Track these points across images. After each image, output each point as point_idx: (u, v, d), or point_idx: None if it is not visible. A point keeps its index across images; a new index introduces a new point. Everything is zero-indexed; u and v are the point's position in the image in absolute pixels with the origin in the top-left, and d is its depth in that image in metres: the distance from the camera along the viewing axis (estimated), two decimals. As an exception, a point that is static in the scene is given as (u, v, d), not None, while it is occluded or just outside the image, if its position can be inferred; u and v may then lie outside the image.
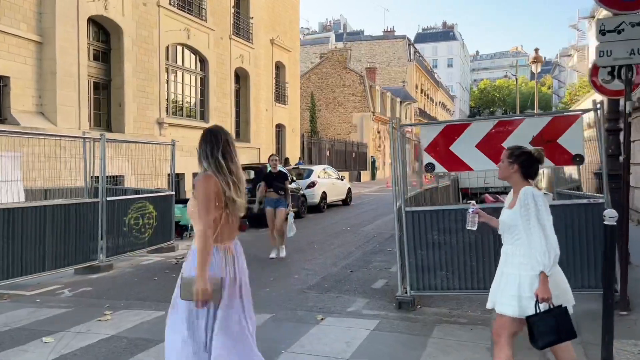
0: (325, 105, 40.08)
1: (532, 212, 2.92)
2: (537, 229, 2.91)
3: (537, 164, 3.14)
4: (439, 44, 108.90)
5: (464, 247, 5.35)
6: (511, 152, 3.16)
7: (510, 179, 3.16)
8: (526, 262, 2.97)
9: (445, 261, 5.42)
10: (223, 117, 18.93)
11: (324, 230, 11.81)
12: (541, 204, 2.94)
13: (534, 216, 2.92)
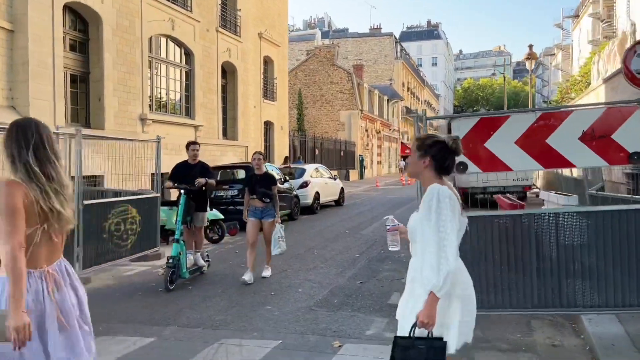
0: (313, 103, 39.28)
1: (432, 217, 2.34)
2: (433, 238, 2.32)
3: (454, 156, 2.52)
4: (424, 42, 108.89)
5: (500, 258, 4.64)
6: (422, 143, 2.54)
7: (422, 176, 2.56)
8: (418, 278, 2.41)
9: (479, 275, 4.69)
10: (209, 114, 18.02)
11: (321, 234, 11.03)
12: (445, 207, 2.35)
13: (433, 221, 2.34)
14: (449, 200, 2.36)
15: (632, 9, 34.66)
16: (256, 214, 6.76)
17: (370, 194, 24.00)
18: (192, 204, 6.95)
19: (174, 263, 6.37)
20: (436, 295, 2.28)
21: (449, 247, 2.29)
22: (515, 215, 4.70)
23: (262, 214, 6.77)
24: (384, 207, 17.17)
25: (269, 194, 6.64)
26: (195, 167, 7.27)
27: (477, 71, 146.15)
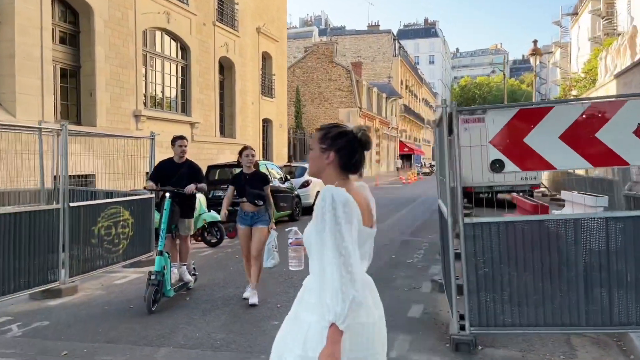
0: (311, 100, 38.67)
1: (327, 228, 1.80)
2: (331, 254, 1.78)
3: (363, 151, 2.02)
4: (421, 40, 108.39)
5: (542, 269, 4.07)
6: (325, 134, 2.02)
7: (324, 174, 2.03)
8: (318, 305, 1.85)
9: (517, 288, 4.12)
10: (206, 111, 17.40)
11: (325, 236, 10.46)
12: (342, 215, 1.79)
13: (329, 234, 1.79)
14: (344, 206, 1.82)
15: (633, 5, 34.23)
16: (246, 220, 5.60)
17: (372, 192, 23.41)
18: (177, 210, 5.93)
19: (157, 280, 5.37)
20: (339, 328, 1.75)
21: (354, 265, 1.77)
22: (528, 222, 4.13)
23: (253, 219, 5.60)
24: (387, 207, 16.59)
25: (262, 196, 5.53)
26: (182, 167, 6.08)
27: (473, 69, 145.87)
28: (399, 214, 14.53)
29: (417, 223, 12.45)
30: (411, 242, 9.62)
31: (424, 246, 9.18)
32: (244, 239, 5.70)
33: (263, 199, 5.55)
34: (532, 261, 4.07)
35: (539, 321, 4.09)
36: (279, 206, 12.03)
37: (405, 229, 11.37)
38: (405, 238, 10.18)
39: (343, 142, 1.98)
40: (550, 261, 4.05)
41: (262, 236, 5.58)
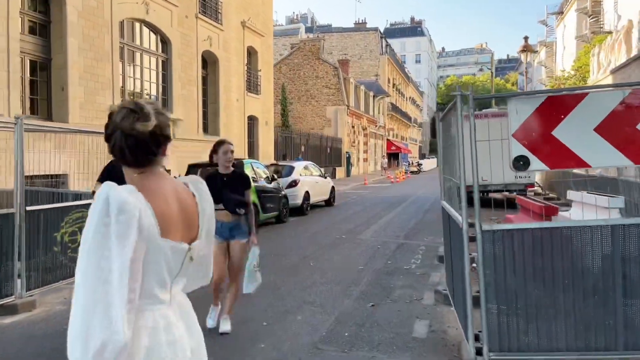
0: (298, 98, 37.96)
1: (89, 240, 1.29)
2: (88, 278, 1.28)
3: (160, 138, 1.47)
4: (407, 39, 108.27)
5: (573, 283, 3.47)
6: (108, 120, 1.49)
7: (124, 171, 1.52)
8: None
9: (546, 304, 3.52)
10: (189, 107, 16.63)
11: (315, 240, 9.79)
12: (115, 225, 1.28)
13: (90, 250, 1.28)
14: (118, 213, 1.28)
15: (620, 3, 34.18)
16: (222, 232, 4.40)
17: (360, 192, 22.83)
18: None
19: None
20: None
21: (116, 297, 1.26)
22: (601, 227, 3.53)
23: (232, 232, 4.46)
24: (378, 207, 16.00)
25: (244, 203, 4.41)
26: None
27: (459, 69, 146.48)
28: (391, 214, 13.94)
29: (411, 224, 11.86)
30: (407, 246, 9.02)
31: (420, 250, 8.58)
32: (217, 256, 4.39)
33: (246, 206, 4.44)
34: (561, 274, 3.47)
35: (569, 345, 3.49)
36: (265, 207, 11.36)
37: (399, 231, 10.77)
38: (400, 241, 9.58)
39: (124, 125, 1.44)
40: (584, 274, 3.46)
41: (242, 253, 4.50)
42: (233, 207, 4.38)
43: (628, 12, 31.35)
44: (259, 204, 11.02)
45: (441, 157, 5.59)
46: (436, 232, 10.58)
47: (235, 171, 4.57)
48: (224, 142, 4.56)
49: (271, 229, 11.46)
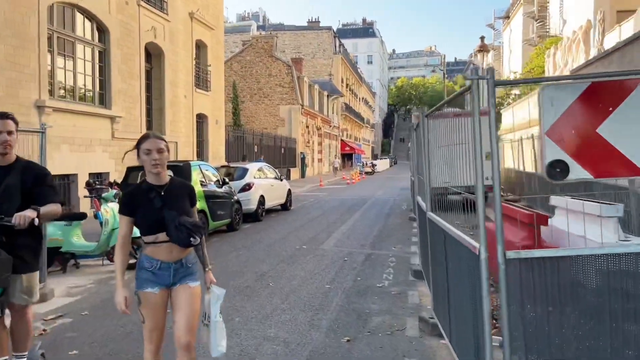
0: (250, 97, 36.65)
1: None
2: None
3: None
4: (359, 40, 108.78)
5: (623, 326, 2.64)
6: None
7: None
8: None
9: (588, 351, 2.67)
10: (130, 103, 15.15)
11: (272, 251, 8.75)
12: None
13: None
14: None
15: (565, 8, 35.16)
16: (163, 277, 2.87)
17: (316, 194, 21.92)
18: (6, 259, 3.07)
19: None
20: None
21: None
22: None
23: (177, 274, 2.91)
24: (338, 210, 15.13)
25: (198, 227, 2.89)
26: (10, 174, 3.23)
27: (409, 70, 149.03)
28: (352, 219, 13.09)
29: (375, 231, 11.03)
30: (375, 257, 8.14)
31: (391, 262, 7.72)
32: (155, 313, 2.85)
33: (201, 232, 2.90)
34: (620, 316, 2.63)
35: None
36: (215, 214, 10.20)
37: (363, 239, 9.90)
38: (367, 251, 8.69)
39: None
40: (635, 311, 2.64)
41: (196, 303, 2.95)
42: (186, 237, 2.78)
43: (572, 17, 32.25)
44: (208, 211, 9.87)
45: (427, 160, 4.72)
46: (403, 239, 9.80)
47: (174, 180, 3.02)
48: (147, 137, 2.88)
49: (222, 238, 10.32)
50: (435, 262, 4.58)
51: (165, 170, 2.93)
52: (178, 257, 2.89)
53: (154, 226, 2.82)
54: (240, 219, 11.61)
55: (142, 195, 2.86)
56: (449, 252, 3.73)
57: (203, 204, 9.71)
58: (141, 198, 2.86)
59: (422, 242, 6.29)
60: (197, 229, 2.85)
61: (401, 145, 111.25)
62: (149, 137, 2.90)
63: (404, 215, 13.89)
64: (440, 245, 4.15)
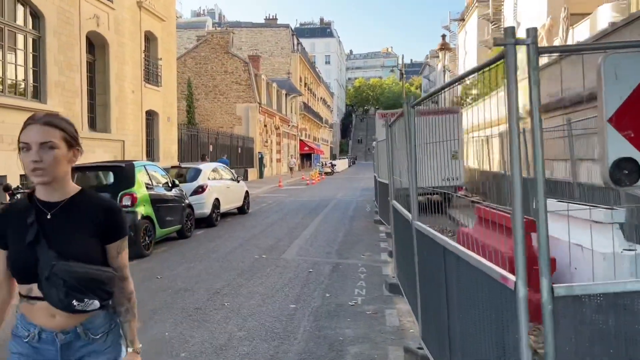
0: (205, 94, 35.21)
1: None
2: None
3: None
4: (317, 40, 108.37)
5: None
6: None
7: None
8: None
9: None
10: (69, 97, 13.74)
11: (227, 263, 7.77)
12: None
13: None
14: None
15: (519, 11, 35.80)
16: (46, 354, 1.74)
17: (275, 196, 20.97)
18: None
19: None
20: None
21: None
22: None
23: (71, 352, 1.75)
24: (299, 213, 14.26)
25: (96, 284, 1.70)
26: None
27: (366, 71, 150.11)
28: (314, 222, 12.25)
29: (340, 236, 10.24)
30: (343, 268, 7.33)
31: (361, 274, 6.92)
32: None
33: (101, 291, 1.71)
34: None
35: None
36: (163, 221, 9.12)
37: (328, 246, 9.08)
38: (333, 260, 7.87)
39: None
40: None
41: None
42: (64, 297, 1.65)
43: (526, 20, 32.78)
44: (155, 218, 8.78)
45: (412, 160, 3.94)
46: (371, 246, 9.05)
47: (84, 196, 1.83)
48: (30, 122, 1.74)
49: (171, 247, 9.25)
50: (426, 281, 3.80)
51: (65, 179, 1.80)
52: (67, 324, 1.73)
53: (25, 271, 1.72)
54: (192, 225, 10.55)
55: (16, 219, 1.76)
56: (455, 274, 2.94)
57: (149, 209, 8.62)
58: (14, 223, 1.76)
59: (401, 254, 5.52)
60: (91, 287, 1.67)
61: (359, 146, 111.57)
62: (33, 121, 1.73)
63: (369, 217, 13.19)
64: (436, 263, 3.36)
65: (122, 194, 8.15)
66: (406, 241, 4.84)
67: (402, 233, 5.19)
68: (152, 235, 8.63)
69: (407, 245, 4.79)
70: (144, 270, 7.28)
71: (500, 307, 2.22)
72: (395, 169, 6.27)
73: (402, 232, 5.19)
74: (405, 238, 4.93)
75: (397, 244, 5.92)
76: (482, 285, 2.44)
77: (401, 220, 5.18)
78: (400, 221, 5.33)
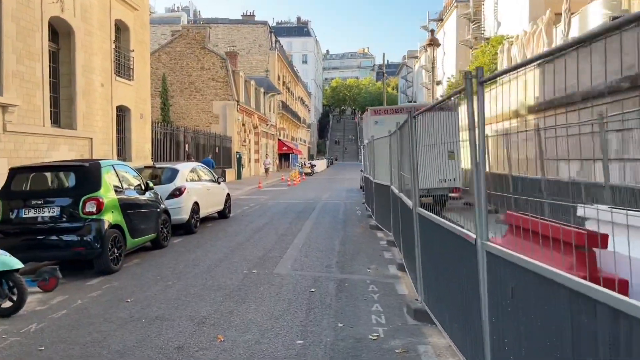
0: (180, 91, 33.67)
1: None
2: None
3: None
4: (294, 39, 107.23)
5: None
6: None
7: None
8: None
9: None
10: (29, 89, 12.29)
11: (212, 280, 6.59)
12: None
13: None
14: None
15: (500, 10, 35.46)
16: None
17: (257, 198, 19.75)
18: None
19: None
20: None
21: None
22: None
23: None
24: (286, 217, 13.12)
25: None
26: None
27: (343, 72, 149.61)
28: (305, 229, 11.13)
29: (336, 244, 9.15)
30: (350, 285, 6.23)
31: (373, 293, 5.84)
32: None
33: None
34: None
35: None
36: (136, 230, 7.88)
37: (326, 258, 7.97)
38: (337, 275, 6.77)
39: None
40: None
41: None
42: None
43: (507, 19, 32.37)
44: (126, 226, 7.53)
45: (475, 147, 2.89)
46: (374, 256, 8.00)
47: None
48: None
49: (144, 260, 8.01)
50: (500, 317, 2.74)
51: None
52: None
53: None
54: (169, 233, 9.30)
55: None
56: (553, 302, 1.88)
57: (118, 216, 7.36)
58: None
59: (432, 274, 4.46)
60: None
61: (336, 147, 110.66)
62: None
63: (363, 222, 12.14)
64: (533, 297, 2.30)
65: (85, 199, 6.88)
66: (448, 261, 3.78)
67: (437, 249, 4.13)
68: (122, 247, 7.38)
69: (449, 265, 3.73)
70: (111, 292, 6.06)
71: None
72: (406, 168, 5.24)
73: (437, 248, 4.13)
74: (444, 255, 3.87)
75: (426, 262, 4.85)
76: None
77: (437, 236, 4.12)
78: (434, 236, 4.28)
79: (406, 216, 6.16)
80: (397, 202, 7.51)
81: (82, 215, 6.84)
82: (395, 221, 8.01)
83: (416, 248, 5.14)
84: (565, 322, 2.02)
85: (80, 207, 6.85)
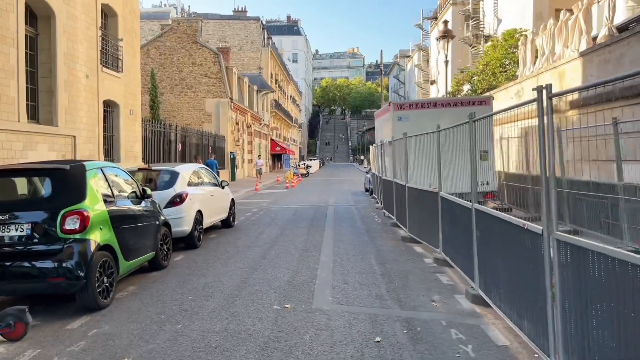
0: (171, 88, 31.85)
1: None
2: None
3: None
4: (284, 37, 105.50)
5: None
6: None
7: None
8: None
9: None
10: (2, 78, 10.52)
11: (235, 323, 4.94)
12: None
13: None
14: None
15: (500, 7, 34.25)
16: None
17: (258, 202, 18.09)
18: None
19: None
20: None
21: None
22: None
23: None
24: (298, 226, 11.51)
25: None
26: None
27: (332, 71, 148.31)
28: (326, 240, 9.53)
29: (373, 263, 7.55)
30: (423, 330, 4.63)
31: (461, 344, 4.26)
32: None
33: None
34: None
35: None
36: (130, 249, 6.21)
37: (371, 284, 6.36)
38: (398, 314, 5.15)
39: None
40: None
41: None
42: None
43: (509, 16, 31.13)
44: (118, 246, 5.86)
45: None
46: (428, 281, 6.42)
47: None
48: None
49: (141, 286, 6.34)
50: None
51: None
52: None
53: None
54: (169, 250, 7.63)
55: None
56: None
57: (108, 234, 5.68)
58: None
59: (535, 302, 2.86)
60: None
61: (327, 148, 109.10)
62: None
63: (389, 232, 10.59)
64: None
65: (64, 213, 5.20)
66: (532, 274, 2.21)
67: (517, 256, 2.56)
68: (114, 275, 5.71)
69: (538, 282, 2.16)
70: (100, 343, 4.40)
71: None
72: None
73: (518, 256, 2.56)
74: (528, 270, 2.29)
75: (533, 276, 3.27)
76: None
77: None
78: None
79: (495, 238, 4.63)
80: (462, 216, 5.96)
81: (61, 234, 5.17)
82: (456, 238, 6.46)
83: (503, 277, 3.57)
84: None
85: (59, 224, 5.18)
